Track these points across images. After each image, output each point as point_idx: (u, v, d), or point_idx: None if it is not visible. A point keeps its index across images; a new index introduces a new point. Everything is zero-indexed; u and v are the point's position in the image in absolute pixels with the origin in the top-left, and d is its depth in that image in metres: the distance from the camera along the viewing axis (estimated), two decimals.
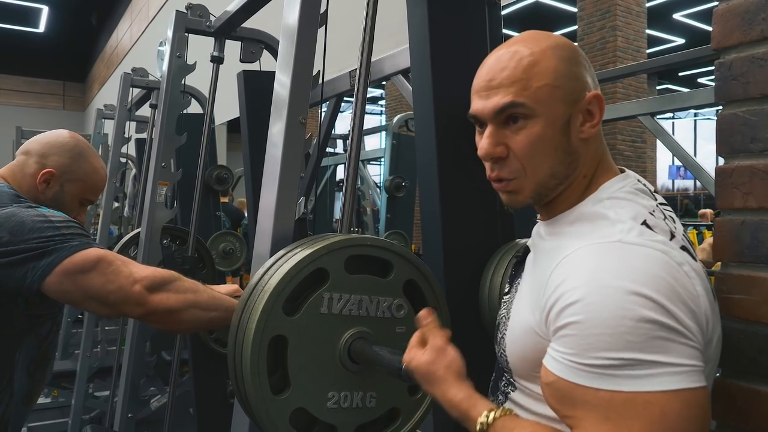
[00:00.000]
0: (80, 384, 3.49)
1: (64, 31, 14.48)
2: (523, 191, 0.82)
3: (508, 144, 0.80)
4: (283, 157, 1.23)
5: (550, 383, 0.71)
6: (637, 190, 0.79)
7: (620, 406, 0.64)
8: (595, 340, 0.65)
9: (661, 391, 0.63)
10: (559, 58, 0.79)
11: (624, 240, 0.70)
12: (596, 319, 0.66)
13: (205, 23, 2.36)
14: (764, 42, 0.73)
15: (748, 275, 0.76)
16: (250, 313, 1.02)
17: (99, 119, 4.73)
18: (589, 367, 0.66)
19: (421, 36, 1.41)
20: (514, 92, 0.78)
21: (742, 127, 0.76)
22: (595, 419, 0.65)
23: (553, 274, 0.73)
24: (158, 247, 2.31)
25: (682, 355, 0.64)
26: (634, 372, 0.64)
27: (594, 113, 0.80)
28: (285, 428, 1.02)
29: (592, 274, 0.68)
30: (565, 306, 0.69)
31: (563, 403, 0.69)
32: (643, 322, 0.64)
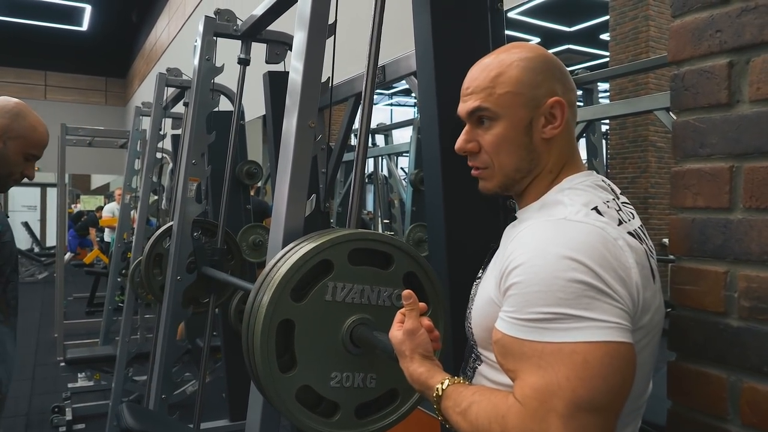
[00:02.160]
0: (120, 368, 3.67)
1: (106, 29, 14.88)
2: (492, 180, 0.95)
3: (479, 141, 0.93)
4: (293, 158, 1.34)
5: (497, 341, 0.80)
6: (597, 185, 0.88)
7: (550, 355, 0.72)
8: (531, 297, 0.75)
9: (584, 341, 0.71)
10: (522, 69, 0.90)
11: (567, 217, 0.81)
12: (534, 279, 0.75)
13: (233, 27, 2.48)
14: (711, 56, 0.80)
15: (696, 268, 0.83)
16: (261, 299, 1.14)
17: (137, 116, 4.92)
18: (526, 321, 0.75)
19: (426, 41, 1.50)
20: (482, 98, 0.91)
21: (692, 133, 0.83)
22: (530, 368, 0.73)
23: (509, 246, 0.83)
24: (189, 239, 2.46)
25: (607, 313, 0.72)
26: (563, 325, 0.72)
27: (556, 116, 0.90)
28: (291, 403, 1.13)
29: (535, 242, 0.79)
30: (512, 269, 0.79)
31: (506, 357, 0.78)
32: (574, 282, 0.73)
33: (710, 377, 0.78)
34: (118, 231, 4.99)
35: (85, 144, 6.34)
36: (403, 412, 1.25)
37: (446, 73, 1.46)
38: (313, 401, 1.17)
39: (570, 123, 0.92)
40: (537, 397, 0.71)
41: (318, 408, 1.18)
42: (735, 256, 0.79)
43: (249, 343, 1.15)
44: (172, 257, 2.46)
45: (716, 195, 0.80)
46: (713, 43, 0.80)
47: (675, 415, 0.87)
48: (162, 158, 4.63)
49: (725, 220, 0.79)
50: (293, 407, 1.14)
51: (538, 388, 0.71)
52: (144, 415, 1.87)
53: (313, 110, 1.35)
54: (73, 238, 10.79)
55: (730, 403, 0.79)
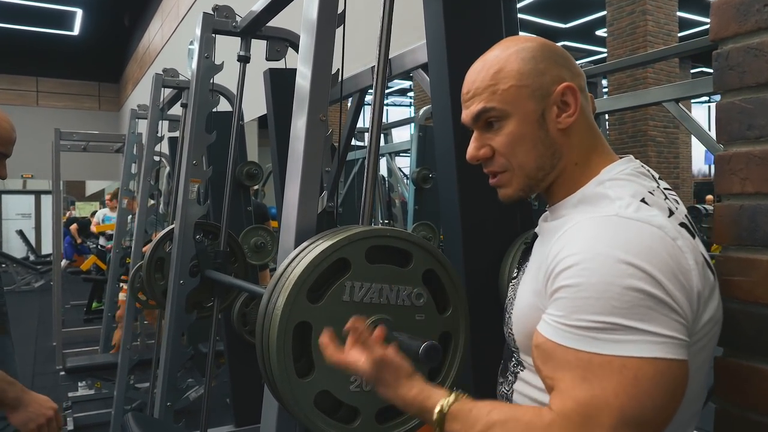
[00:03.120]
0: (121, 376, 3.62)
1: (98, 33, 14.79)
2: (512, 184, 0.88)
3: (491, 145, 0.87)
4: (305, 153, 1.29)
5: (538, 345, 0.75)
6: (639, 172, 0.82)
7: (598, 368, 0.67)
8: (582, 303, 0.69)
9: (637, 357, 0.66)
10: (522, 60, 0.84)
11: (620, 214, 0.74)
12: (586, 284, 0.69)
13: (231, 24, 2.43)
14: (759, 32, 0.76)
15: (746, 258, 0.78)
16: (276, 301, 1.08)
17: (133, 119, 4.86)
18: (574, 328, 0.69)
19: (437, 31, 1.45)
20: (485, 99, 0.85)
21: (738, 115, 0.79)
22: (573, 379, 0.68)
23: (554, 244, 0.77)
24: (191, 242, 2.40)
25: (663, 326, 0.67)
26: (614, 336, 0.67)
27: (569, 103, 0.83)
28: (310, 409, 1.08)
29: (587, 243, 0.72)
30: (561, 270, 0.73)
31: (546, 363, 0.73)
32: (630, 290, 0.67)
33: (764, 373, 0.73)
34: (116, 236, 4.92)
35: (80, 149, 6.26)
36: None
37: (459, 65, 1.42)
38: (331, 407, 1.13)
39: (585, 108, 0.86)
40: (582, 412, 0.67)
41: (337, 413, 1.13)
42: None
43: (264, 348, 1.10)
44: (174, 261, 2.40)
45: (767, 180, 0.75)
46: (761, 18, 0.75)
47: (724, 415, 0.82)
48: (159, 162, 4.57)
49: None
50: (312, 414, 1.09)
51: (583, 402, 0.67)
52: (150, 424, 1.82)
53: (323, 102, 1.30)
54: (68, 246, 10.69)
55: None
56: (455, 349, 1.21)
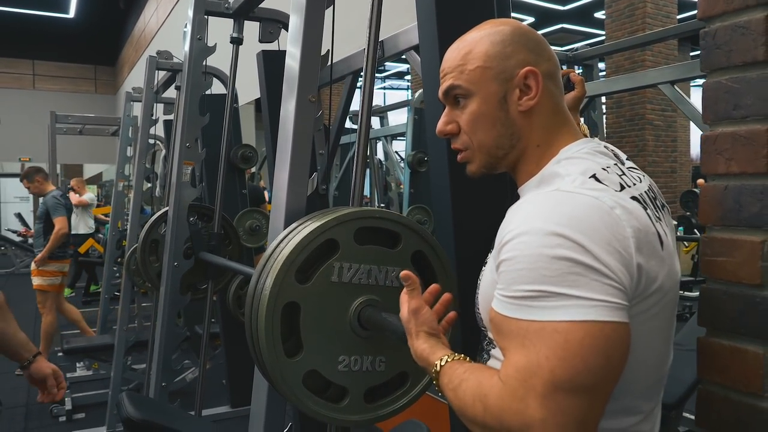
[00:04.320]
0: (118, 357, 3.64)
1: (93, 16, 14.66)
2: (474, 161, 0.92)
3: (458, 121, 0.91)
4: (294, 134, 1.28)
5: (491, 319, 0.79)
6: (596, 151, 0.85)
7: (533, 334, 0.70)
8: (517, 275, 0.73)
9: (567, 320, 0.69)
10: (491, 42, 0.88)
11: (560, 188, 0.78)
12: (520, 256, 0.73)
13: (224, 5, 2.41)
14: (746, 10, 0.75)
15: (730, 238, 0.78)
16: (264, 282, 1.09)
17: (128, 102, 4.84)
18: (513, 299, 0.73)
19: (429, 13, 1.44)
20: (453, 77, 0.89)
21: (725, 94, 0.78)
22: (515, 347, 0.72)
23: (504, 223, 0.81)
24: (185, 224, 2.40)
25: (594, 291, 0.69)
26: (547, 303, 0.70)
27: (531, 87, 0.86)
28: (299, 388, 1.08)
29: (524, 218, 0.76)
30: (503, 245, 0.76)
31: (498, 335, 0.77)
32: (559, 259, 0.70)
33: (745, 353, 0.73)
34: (112, 219, 4.92)
35: (76, 132, 6.24)
36: (413, 396, 1.21)
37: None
38: (320, 386, 1.13)
39: (552, 92, 0.89)
40: (518, 377, 0.70)
41: (326, 393, 1.14)
42: None
43: (253, 328, 1.11)
44: (168, 243, 2.40)
45: (752, 160, 0.75)
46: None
47: (706, 394, 0.83)
48: (155, 144, 4.55)
49: (762, 186, 0.74)
50: (300, 393, 1.09)
51: (519, 367, 0.70)
52: (145, 403, 1.83)
53: (313, 83, 1.29)
54: None
55: (767, 380, 0.75)
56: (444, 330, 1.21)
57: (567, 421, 0.68)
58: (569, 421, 0.68)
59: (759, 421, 0.75)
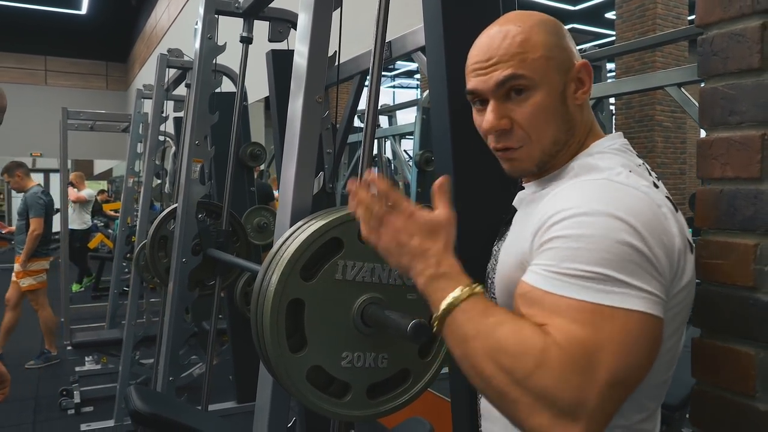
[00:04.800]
0: (126, 351, 3.68)
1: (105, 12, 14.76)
2: (529, 159, 0.86)
3: (511, 116, 0.84)
4: (301, 133, 1.31)
5: (523, 293, 0.74)
6: (627, 148, 0.85)
7: (589, 314, 0.67)
8: (572, 253, 0.69)
9: (625, 308, 0.67)
10: (547, 32, 0.84)
11: (610, 178, 0.76)
12: (579, 235, 0.70)
13: (234, 5, 2.43)
14: (742, 18, 0.77)
15: (724, 241, 0.80)
16: (270, 279, 1.11)
17: (139, 99, 4.88)
18: (564, 276, 0.69)
19: (435, 14, 1.45)
20: (514, 65, 0.82)
21: (721, 100, 0.80)
22: (566, 321, 0.68)
23: (544, 206, 0.78)
24: (194, 221, 2.43)
25: (647, 283, 0.68)
26: (605, 287, 0.67)
27: (584, 80, 0.85)
28: (302, 384, 1.11)
29: (581, 199, 0.73)
30: (554, 223, 0.73)
31: (532, 308, 0.72)
32: (622, 244, 0.68)
33: (738, 354, 0.75)
34: (122, 215, 4.97)
35: (87, 128, 6.30)
36: (415, 393, 1.23)
37: (456, 47, 1.42)
38: (323, 382, 1.15)
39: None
40: (581, 348, 0.65)
41: (329, 388, 1.16)
42: (766, 228, 0.75)
43: (258, 324, 1.13)
44: (177, 239, 2.43)
45: (746, 165, 0.77)
46: (745, 5, 0.76)
47: (700, 394, 0.84)
48: (165, 141, 4.59)
49: (756, 191, 0.76)
50: (304, 388, 1.12)
51: (581, 338, 0.66)
52: (152, 397, 1.86)
53: (320, 84, 1.31)
54: None
55: (758, 380, 0.76)
56: None
57: (612, 411, 0.66)
58: (612, 412, 0.67)
59: (751, 420, 0.77)
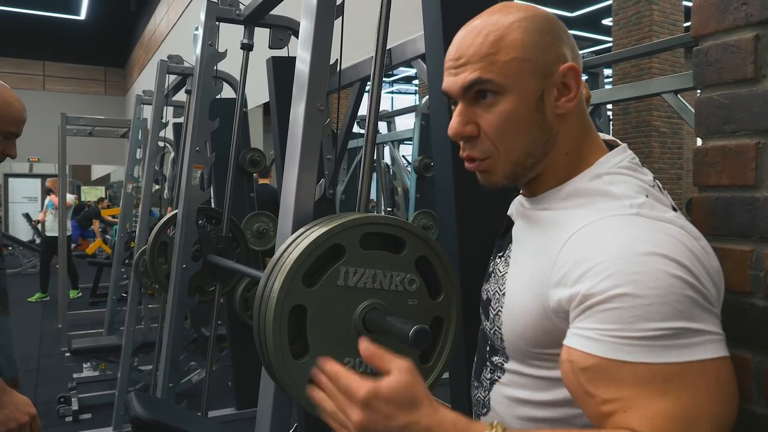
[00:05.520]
0: (125, 358, 3.67)
1: (104, 18, 14.82)
2: (497, 171, 0.79)
3: (478, 122, 0.77)
4: (303, 139, 1.32)
5: (588, 367, 0.64)
6: (634, 164, 0.77)
7: (678, 377, 0.61)
8: (643, 312, 0.62)
9: (711, 358, 0.63)
10: (527, 30, 0.74)
11: (641, 213, 0.68)
12: (644, 290, 0.62)
13: (235, 12, 2.45)
14: (736, 30, 0.78)
15: (720, 247, 0.81)
16: (272, 285, 1.12)
17: (138, 105, 4.90)
18: (639, 340, 0.62)
19: (435, 21, 1.47)
20: (481, 68, 0.74)
21: (716, 110, 0.81)
22: (653, 394, 0.61)
23: (566, 249, 0.69)
24: (194, 227, 2.44)
25: (716, 325, 0.65)
26: (685, 341, 0.62)
27: (570, 86, 0.75)
28: (305, 389, 1.11)
29: (623, 245, 0.65)
30: (600, 279, 0.64)
31: (606, 385, 0.64)
32: (690, 290, 0.63)
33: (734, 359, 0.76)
34: (121, 221, 4.98)
35: (86, 134, 6.31)
36: None
37: None
38: None
39: (582, 94, 0.77)
40: (676, 428, 0.60)
41: None
42: (761, 235, 0.77)
43: (261, 330, 1.14)
44: (177, 245, 2.44)
45: (741, 172, 0.78)
46: (739, 17, 0.77)
47: None
48: (164, 147, 4.61)
49: (751, 198, 0.78)
50: (306, 393, 1.12)
51: (674, 416, 0.60)
52: (153, 404, 1.87)
53: (322, 91, 1.33)
54: (74, 229, 10.79)
55: (755, 384, 0.78)
56: (446, 333, 1.24)
57: None
58: None
59: (748, 424, 0.78)
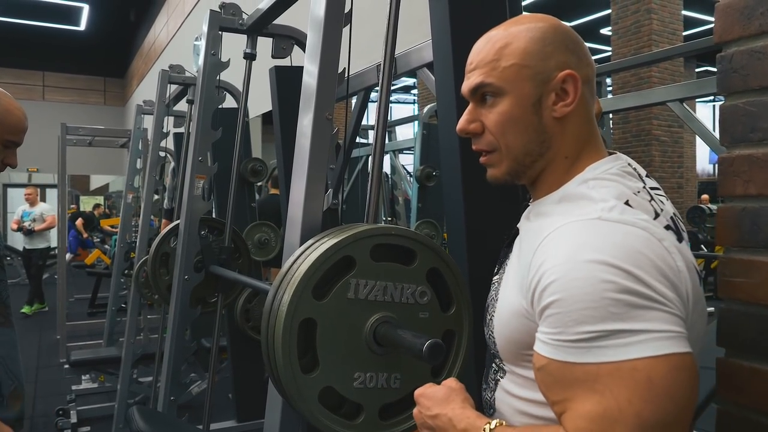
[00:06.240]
0: (125, 370, 3.63)
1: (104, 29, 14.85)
2: (500, 166, 0.86)
3: (483, 121, 0.85)
4: (311, 151, 1.30)
5: (541, 367, 0.70)
6: (625, 172, 0.79)
7: (606, 377, 0.64)
8: (578, 316, 0.66)
9: (646, 357, 0.63)
10: (531, 40, 0.81)
11: (603, 217, 0.71)
12: (577, 295, 0.66)
13: (238, 21, 2.44)
14: (762, 36, 0.76)
15: (748, 259, 0.79)
16: (281, 298, 1.09)
17: (138, 115, 4.88)
18: (575, 342, 0.66)
19: (443, 30, 1.45)
20: (485, 73, 0.82)
21: (742, 117, 0.79)
22: (583, 394, 0.65)
23: (536, 253, 0.74)
24: (196, 237, 2.42)
25: (664, 322, 0.65)
26: (618, 341, 0.64)
27: (568, 92, 0.80)
28: (314, 405, 1.09)
29: (571, 251, 0.69)
30: (547, 285, 0.70)
31: (554, 387, 0.69)
32: (624, 293, 0.65)
33: (764, 374, 0.73)
34: (121, 231, 4.94)
35: (86, 144, 6.29)
36: None
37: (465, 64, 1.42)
38: (335, 403, 1.13)
39: (587, 101, 0.82)
40: (594, 428, 0.63)
41: (341, 410, 1.14)
42: None
43: (269, 344, 1.11)
44: (179, 256, 2.41)
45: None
46: (765, 22, 0.76)
47: (725, 415, 0.83)
48: (165, 157, 4.58)
49: None
50: (316, 409, 1.10)
51: (594, 416, 0.63)
52: (154, 417, 1.83)
53: (330, 101, 1.31)
54: (73, 239, 10.74)
55: None
56: (458, 346, 1.21)
57: None
58: None
59: None
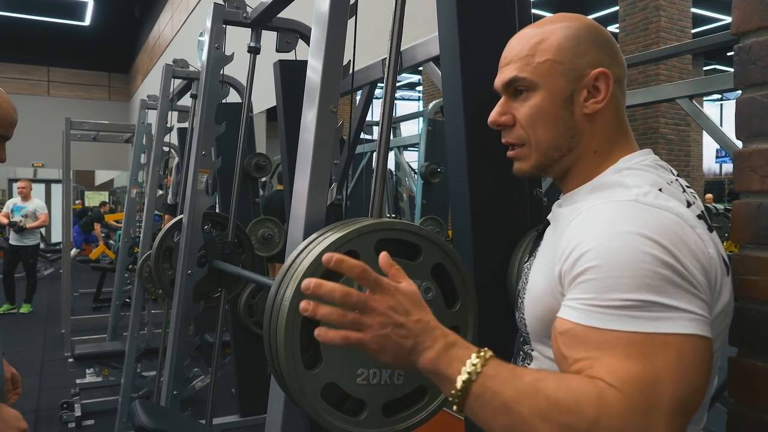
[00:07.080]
0: (129, 364, 3.63)
1: (108, 24, 14.86)
2: (528, 159, 0.88)
3: (514, 114, 0.87)
4: (315, 145, 1.28)
5: (565, 331, 0.70)
6: (658, 164, 0.82)
7: (641, 345, 0.64)
8: (614, 282, 0.66)
9: (677, 333, 0.64)
10: (566, 37, 0.83)
11: (639, 200, 0.72)
12: (615, 262, 0.67)
13: (242, 15, 2.42)
14: None
15: (764, 257, 0.77)
16: (284, 293, 1.08)
17: (142, 110, 4.87)
18: (608, 308, 0.66)
19: (450, 24, 1.43)
20: (518, 68, 0.85)
21: (760, 110, 0.77)
22: (615, 355, 0.64)
23: (567, 230, 0.75)
24: (200, 232, 2.40)
25: (693, 304, 0.66)
26: (651, 314, 0.64)
27: (600, 89, 0.82)
28: (317, 401, 1.07)
29: (609, 223, 0.70)
30: (582, 253, 0.70)
31: (577, 347, 0.68)
32: (662, 267, 0.65)
33: None
34: (125, 226, 4.94)
35: (90, 139, 6.29)
36: (431, 410, 1.19)
37: (472, 58, 1.40)
38: (338, 399, 1.12)
39: (618, 99, 0.85)
40: (638, 387, 0.62)
41: (343, 406, 1.13)
42: None
43: (272, 339, 1.10)
44: (182, 251, 2.40)
45: None
46: None
47: (737, 416, 0.81)
48: (168, 152, 4.57)
49: None
50: (319, 405, 1.08)
51: (636, 376, 0.62)
52: (157, 412, 1.82)
53: (334, 94, 1.29)
54: (78, 234, 10.76)
55: None
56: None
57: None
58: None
59: None
